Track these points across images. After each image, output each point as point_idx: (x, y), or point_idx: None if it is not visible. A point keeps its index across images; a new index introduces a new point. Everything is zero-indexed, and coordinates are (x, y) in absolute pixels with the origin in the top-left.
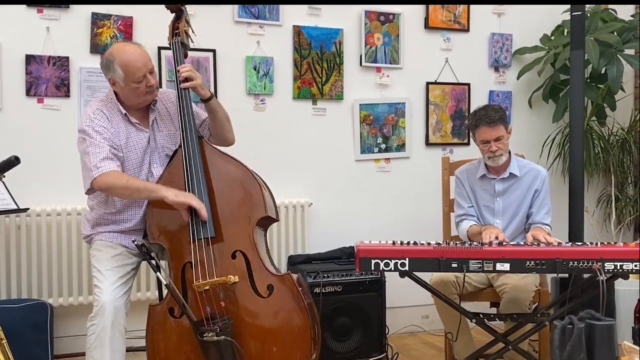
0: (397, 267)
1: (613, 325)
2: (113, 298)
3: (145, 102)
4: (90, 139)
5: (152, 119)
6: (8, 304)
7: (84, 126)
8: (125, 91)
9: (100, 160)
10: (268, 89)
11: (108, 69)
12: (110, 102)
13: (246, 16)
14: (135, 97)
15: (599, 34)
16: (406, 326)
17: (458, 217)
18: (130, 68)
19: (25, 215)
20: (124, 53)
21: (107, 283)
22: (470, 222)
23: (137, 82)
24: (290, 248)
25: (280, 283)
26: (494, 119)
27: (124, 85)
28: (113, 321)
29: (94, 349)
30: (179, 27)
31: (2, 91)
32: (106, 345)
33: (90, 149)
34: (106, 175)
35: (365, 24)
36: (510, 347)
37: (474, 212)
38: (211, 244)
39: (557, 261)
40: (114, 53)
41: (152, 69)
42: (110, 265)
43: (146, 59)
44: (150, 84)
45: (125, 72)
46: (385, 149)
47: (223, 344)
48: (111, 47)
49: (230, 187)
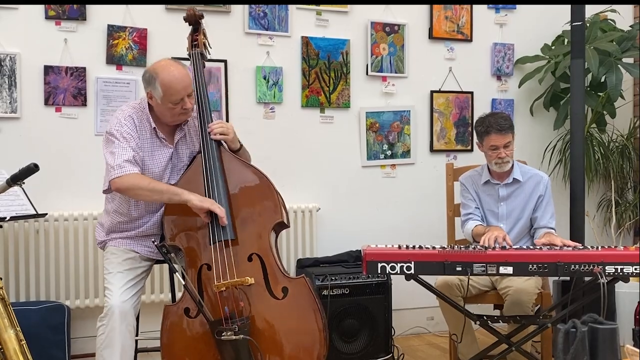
0: (402, 270)
1: (616, 328)
2: (121, 300)
3: (178, 122)
4: (118, 141)
5: (179, 137)
6: (27, 305)
7: (113, 130)
8: (161, 108)
9: (124, 162)
10: (277, 97)
11: (149, 84)
12: (142, 111)
13: (256, 28)
14: (169, 116)
15: (598, 43)
16: (412, 328)
17: (464, 216)
18: (170, 89)
19: (43, 220)
20: (168, 73)
21: (117, 286)
22: (475, 222)
23: (174, 103)
24: (299, 251)
25: (295, 286)
26: (505, 127)
27: (160, 103)
28: (122, 322)
29: (103, 348)
30: (197, 39)
31: (22, 100)
32: (115, 345)
33: (116, 150)
34: (128, 176)
35: (371, 34)
36: (514, 348)
37: (479, 213)
38: (230, 246)
39: (559, 264)
40: (158, 70)
41: (191, 93)
42: (121, 268)
43: (187, 83)
44: (186, 106)
45: (165, 92)
46: (390, 156)
47: (241, 343)
48: (157, 62)
49: (248, 192)
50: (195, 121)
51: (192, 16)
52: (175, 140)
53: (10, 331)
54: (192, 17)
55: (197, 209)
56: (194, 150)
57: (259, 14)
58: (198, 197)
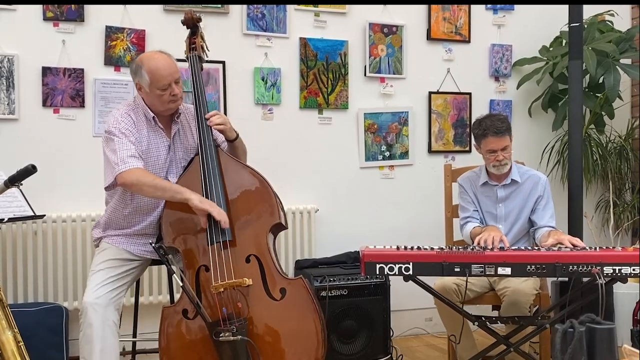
0: (401, 271)
1: (613, 328)
2: (94, 297)
3: (168, 111)
4: (118, 138)
5: (175, 130)
6: (25, 307)
7: (111, 128)
8: (150, 97)
9: (128, 157)
10: (275, 99)
11: (136, 74)
12: (137, 107)
13: (254, 29)
14: (159, 104)
15: (596, 44)
16: (410, 329)
17: (463, 219)
18: (156, 75)
19: (41, 222)
20: (153, 60)
21: (93, 284)
22: (474, 224)
23: (162, 89)
24: (297, 253)
25: (293, 287)
26: (502, 130)
27: (149, 91)
28: (97, 318)
29: (83, 345)
30: (195, 42)
31: (20, 102)
32: (93, 341)
33: (117, 146)
34: (133, 171)
35: (370, 35)
36: (512, 349)
37: (478, 215)
38: (228, 247)
39: (557, 265)
40: (143, 59)
41: (178, 79)
42: (103, 266)
43: (173, 69)
44: (174, 92)
45: (152, 79)
46: (389, 157)
47: (239, 344)
48: (142, 54)
49: (246, 193)
50: (188, 118)
51: (190, 20)
52: (172, 135)
53: (8, 333)
54: (190, 20)
55: (197, 209)
56: (187, 146)
57: (257, 15)
58: (199, 197)
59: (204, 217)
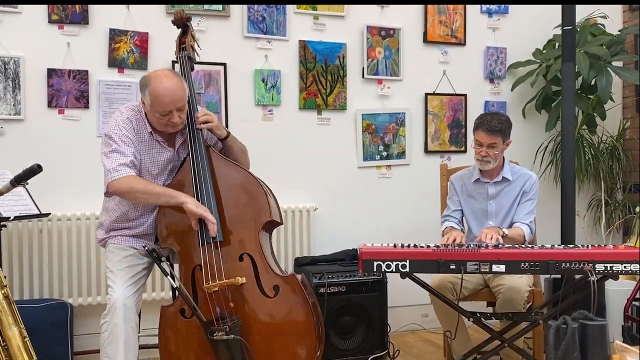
0: (398, 268)
1: (605, 325)
2: (124, 296)
3: (165, 132)
4: (115, 144)
5: (180, 141)
6: (30, 303)
7: (111, 132)
8: (151, 115)
9: (119, 165)
10: (275, 100)
11: (141, 90)
12: (140, 114)
13: (255, 32)
14: (157, 125)
15: (588, 47)
16: (407, 324)
17: (443, 217)
18: (158, 100)
19: (46, 220)
20: (159, 84)
21: (119, 282)
22: (450, 223)
23: (162, 114)
24: (296, 250)
25: (286, 283)
26: (493, 129)
27: (150, 110)
28: (124, 318)
29: (107, 344)
30: (185, 41)
31: (26, 103)
32: (119, 341)
33: (113, 153)
34: (124, 179)
35: (367, 38)
36: (506, 344)
37: (458, 215)
38: (219, 248)
39: (550, 263)
40: (151, 79)
41: (182, 107)
42: (122, 265)
43: (177, 97)
44: (173, 120)
45: (153, 102)
46: (386, 157)
47: (232, 343)
48: (155, 70)
49: (237, 193)
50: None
51: (180, 19)
52: (177, 145)
53: (14, 328)
54: (179, 19)
55: (191, 213)
56: None
57: (257, 18)
58: (194, 201)
59: (194, 220)
